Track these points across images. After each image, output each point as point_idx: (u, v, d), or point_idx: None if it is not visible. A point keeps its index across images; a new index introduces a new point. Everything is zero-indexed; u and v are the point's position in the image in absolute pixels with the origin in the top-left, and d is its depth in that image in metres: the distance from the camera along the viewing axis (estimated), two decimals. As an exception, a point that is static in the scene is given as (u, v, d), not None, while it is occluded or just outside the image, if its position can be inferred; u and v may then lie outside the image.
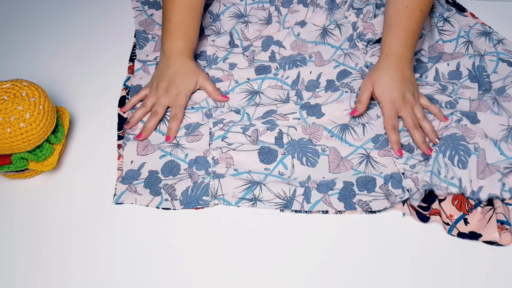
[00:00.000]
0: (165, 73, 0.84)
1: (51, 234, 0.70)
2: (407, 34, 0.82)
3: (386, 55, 0.81)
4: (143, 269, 0.66)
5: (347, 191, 0.72)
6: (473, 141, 0.74)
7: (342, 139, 0.78)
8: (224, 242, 0.69)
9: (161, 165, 0.75)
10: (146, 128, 0.79)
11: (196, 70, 0.85)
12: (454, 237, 0.69)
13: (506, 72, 0.87)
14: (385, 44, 0.83)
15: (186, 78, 0.83)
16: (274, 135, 0.78)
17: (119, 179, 0.75)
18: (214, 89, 0.84)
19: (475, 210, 0.69)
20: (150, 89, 0.84)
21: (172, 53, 0.84)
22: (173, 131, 0.80)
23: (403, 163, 0.75)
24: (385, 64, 0.81)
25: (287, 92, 0.85)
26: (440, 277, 0.65)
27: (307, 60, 0.89)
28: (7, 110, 0.69)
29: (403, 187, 0.72)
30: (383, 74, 0.80)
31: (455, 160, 0.72)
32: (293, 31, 0.91)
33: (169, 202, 0.72)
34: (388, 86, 0.79)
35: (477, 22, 0.96)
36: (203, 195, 0.72)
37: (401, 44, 0.81)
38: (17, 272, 0.66)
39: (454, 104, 0.81)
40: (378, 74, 0.80)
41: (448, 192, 0.70)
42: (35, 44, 0.96)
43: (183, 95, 0.82)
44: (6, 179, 0.76)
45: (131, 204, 0.72)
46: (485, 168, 0.71)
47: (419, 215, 0.70)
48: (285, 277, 0.66)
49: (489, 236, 0.67)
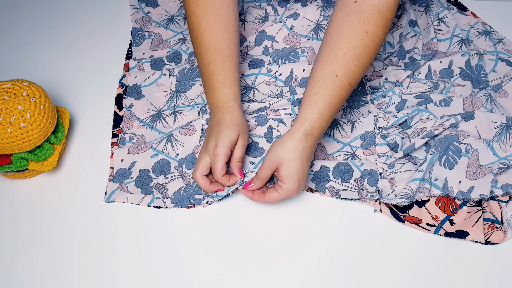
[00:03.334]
0: (208, 130, 0.76)
1: (51, 234, 0.71)
2: (330, 111, 0.70)
3: (305, 133, 0.69)
4: (143, 269, 0.68)
5: (322, 175, 0.74)
6: (466, 140, 0.75)
7: (330, 136, 0.80)
8: (218, 241, 0.70)
9: (152, 164, 0.77)
10: None
11: (240, 123, 0.74)
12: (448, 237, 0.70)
13: (504, 71, 0.88)
14: (306, 117, 0.70)
15: (227, 129, 0.72)
16: (264, 131, 0.80)
17: (110, 177, 0.76)
18: (241, 157, 0.74)
19: (461, 210, 0.71)
20: None
21: (213, 107, 0.77)
22: (216, 178, 0.73)
23: (383, 162, 0.76)
24: (300, 143, 0.69)
25: (280, 88, 0.86)
26: (437, 276, 0.67)
27: (299, 55, 0.89)
28: (8, 110, 0.70)
29: (377, 187, 0.74)
30: (294, 156, 0.68)
31: (442, 160, 0.74)
32: (286, 24, 0.92)
33: (160, 200, 0.74)
34: (298, 173, 0.68)
35: (478, 21, 0.96)
36: (195, 193, 0.73)
37: (322, 123, 0.70)
38: (17, 272, 0.67)
39: (448, 102, 0.81)
40: (290, 154, 0.69)
41: (430, 194, 0.72)
42: (35, 44, 0.96)
43: (221, 145, 0.71)
44: (6, 179, 0.76)
45: (122, 202, 0.74)
46: (477, 170, 0.73)
47: (393, 213, 0.72)
48: (284, 276, 0.67)
49: (475, 236, 0.69)
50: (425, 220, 0.71)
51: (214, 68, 0.76)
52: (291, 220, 0.72)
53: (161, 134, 0.81)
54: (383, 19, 0.70)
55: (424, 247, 0.69)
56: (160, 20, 0.98)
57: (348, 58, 0.70)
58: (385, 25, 0.70)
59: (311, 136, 0.70)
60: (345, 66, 0.70)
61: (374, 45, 0.70)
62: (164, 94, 0.86)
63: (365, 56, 0.70)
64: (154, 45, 0.94)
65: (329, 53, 0.71)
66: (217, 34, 0.77)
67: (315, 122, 0.70)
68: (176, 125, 0.82)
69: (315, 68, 0.72)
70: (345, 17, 0.71)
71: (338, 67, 0.70)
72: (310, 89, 0.72)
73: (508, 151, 0.75)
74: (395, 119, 0.79)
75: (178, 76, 0.87)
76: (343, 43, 0.70)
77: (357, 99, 0.84)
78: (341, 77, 0.70)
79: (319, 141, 0.73)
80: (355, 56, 0.70)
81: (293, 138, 0.69)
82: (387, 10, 0.70)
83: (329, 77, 0.70)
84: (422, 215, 0.71)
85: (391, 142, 0.77)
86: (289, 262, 0.68)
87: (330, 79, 0.70)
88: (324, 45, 0.73)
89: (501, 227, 0.70)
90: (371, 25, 0.69)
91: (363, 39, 0.69)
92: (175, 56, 0.91)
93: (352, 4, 0.71)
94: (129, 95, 0.86)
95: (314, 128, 0.70)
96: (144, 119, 0.83)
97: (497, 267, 0.68)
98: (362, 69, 0.71)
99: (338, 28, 0.71)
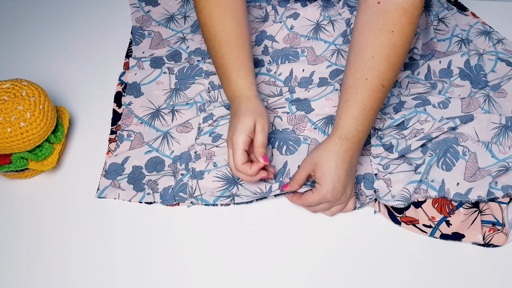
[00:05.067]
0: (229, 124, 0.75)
1: (51, 233, 0.71)
2: (365, 115, 0.70)
3: (339, 138, 0.69)
4: (143, 269, 0.68)
5: None
6: (464, 143, 0.75)
7: (325, 132, 0.80)
8: (218, 241, 0.71)
9: (145, 161, 0.78)
10: None
11: (256, 109, 0.73)
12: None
13: (504, 71, 0.88)
14: (339, 123, 0.70)
15: (242, 116, 0.72)
16: None
17: (103, 172, 0.77)
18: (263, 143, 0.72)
19: (457, 211, 0.71)
20: None
21: (230, 99, 0.77)
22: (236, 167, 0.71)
23: (377, 163, 0.76)
24: (335, 146, 0.69)
25: (280, 88, 0.86)
26: (438, 278, 0.67)
27: (299, 55, 0.90)
28: (8, 110, 0.70)
29: (374, 188, 0.74)
30: (329, 157, 0.68)
31: (440, 162, 0.74)
32: (286, 24, 0.92)
33: (150, 196, 0.74)
34: (332, 174, 0.68)
35: (478, 21, 0.96)
36: (180, 191, 0.74)
37: (358, 127, 0.69)
38: (17, 272, 0.68)
39: (447, 104, 0.81)
40: (324, 156, 0.69)
41: (427, 195, 0.72)
42: (35, 44, 0.95)
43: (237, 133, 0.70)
44: (6, 179, 0.76)
45: (114, 199, 0.75)
46: (476, 172, 0.73)
47: (390, 214, 0.72)
48: (283, 276, 0.68)
49: (472, 238, 0.69)
50: (421, 221, 0.71)
51: (228, 60, 0.77)
52: (291, 220, 0.72)
53: (159, 132, 0.81)
54: (408, 17, 0.70)
55: (424, 248, 0.70)
56: (160, 19, 0.98)
57: (376, 60, 0.69)
58: (411, 22, 0.70)
59: (347, 140, 0.69)
60: (374, 69, 0.69)
61: (402, 43, 0.70)
62: (163, 92, 0.86)
63: (394, 56, 0.70)
64: (154, 44, 0.94)
65: (356, 58, 0.71)
66: (229, 26, 0.78)
67: (349, 126, 0.69)
68: (174, 123, 0.82)
69: (345, 75, 0.73)
70: (369, 20, 0.71)
71: (366, 71, 0.70)
72: (342, 96, 0.72)
73: (507, 152, 0.75)
74: (391, 121, 0.79)
75: (178, 75, 0.87)
76: (369, 46, 0.70)
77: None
78: (371, 80, 0.69)
79: (359, 146, 0.71)
80: (383, 57, 0.69)
81: (329, 142, 0.70)
82: (412, 7, 0.70)
83: (358, 81, 0.70)
84: (419, 215, 0.71)
85: (386, 143, 0.77)
86: (288, 262, 0.69)
87: (360, 84, 0.70)
88: (351, 51, 0.73)
89: (503, 229, 0.70)
90: (396, 24, 0.69)
91: (390, 39, 0.69)
92: (175, 55, 0.91)
93: (375, 5, 0.71)
94: (128, 92, 0.86)
95: (349, 132, 0.69)
96: (143, 116, 0.83)
97: (498, 268, 0.68)
98: (393, 69, 0.71)
99: (363, 31, 0.71)
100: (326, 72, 0.88)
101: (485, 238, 0.69)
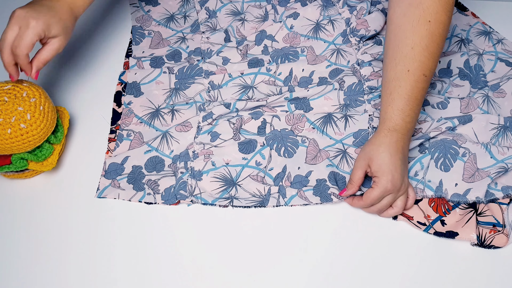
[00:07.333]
0: None
1: (51, 233, 0.71)
2: (411, 106, 0.70)
3: (388, 130, 0.70)
4: (143, 269, 0.69)
5: (321, 187, 0.74)
6: (464, 145, 0.75)
7: (323, 132, 0.80)
8: (218, 241, 0.71)
9: (145, 160, 0.78)
10: None
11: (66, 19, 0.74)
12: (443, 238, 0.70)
13: (503, 71, 0.87)
14: (386, 116, 0.71)
15: (52, 13, 0.72)
16: (258, 125, 0.81)
17: (103, 172, 0.77)
18: (46, 60, 0.73)
19: (453, 211, 0.71)
20: None
21: None
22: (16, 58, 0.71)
23: None
24: (385, 138, 0.70)
25: (279, 88, 0.86)
26: (438, 279, 0.67)
27: (299, 54, 0.90)
28: (8, 111, 0.70)
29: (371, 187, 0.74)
30: (381, 150, 0.69)
31: (439, 163, 0.74)
32: (286, 24, 0.92)
33: (151, 196, 0.75)
34: (388, 164, 0.68)
35: (478, 22, 0.95)
36: (180, 189, 0.74)
37: (405, 119, 0.70)
38: (17, 272, 0.68)
39: (446, 104, 0.81)
40: (376, 149, 0.69)
41: (424, 194, 0.73)
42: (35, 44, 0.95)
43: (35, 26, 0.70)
44: (6, 179, 0.76)
45: (114, 198, 0.75)
46: (475, 173, 0.73)
47: None
48: (283, 276, 0.68)
49: (465, 236, 0.69)
50: (416, 218, 0.71)
51: None
52: (291, 220, 0.73)
53: (159, 131, 0.81)
54: (444, 4, 0.70)
55: (424, 248, 0.70)
56: (160, 19, 0.98)
57: (416, 51, 0.70)
58: (447, 9, 0.71)
59: (396, 132, 0.70)
60: (415, 59, 0.70)
61: (440, 32, 0.71)
62: (163, 92, 0.86)
63: (433, 45, 0.71)
64: (154, 44, 0.94)
65: (396, 51, 0.72)
66: None
67: (396, 118, 0.70)
68: (174, 123, 0.82)
69: (386, 69, 0.73)
70: (404, 12, 0.72)
71: (408, 62, 0.70)
72: (385, 90, 0.73)
73: (506, 153, 0.75)
74: None
75: (178, 74, 0.87)
76: (408, 38, 0.71)
77: (354, 98, 0.84)
78: (413, 71, 0.70)
79: (408, 136, 0.72)
80: (423, 47, 0.70)
81: (377, 136, 0.71)
82: None
83: (400, 74, 0.71)
84: (414, 212, 0.72)
85: None
86: (288, 262, 0.69)
87: (402, 76, 0.71)
88: (389, 44, 0.74)
89: (503, 230, 0.70)
90: (432, 13, 0.70)
91: (428, 29, 0.70)
92: (175, 54, 0.91)
93: None
94: (128, 92, 0.86)
95: (396, 124, 0.70)
96: (143, 116, 0.83)
97: (498, 269, 0.68)
98: (434, 58, 0.71)
99: (399, 24, 0.72)
100: (326, 71, 0.88)
101: (486, 239, 0.69)
